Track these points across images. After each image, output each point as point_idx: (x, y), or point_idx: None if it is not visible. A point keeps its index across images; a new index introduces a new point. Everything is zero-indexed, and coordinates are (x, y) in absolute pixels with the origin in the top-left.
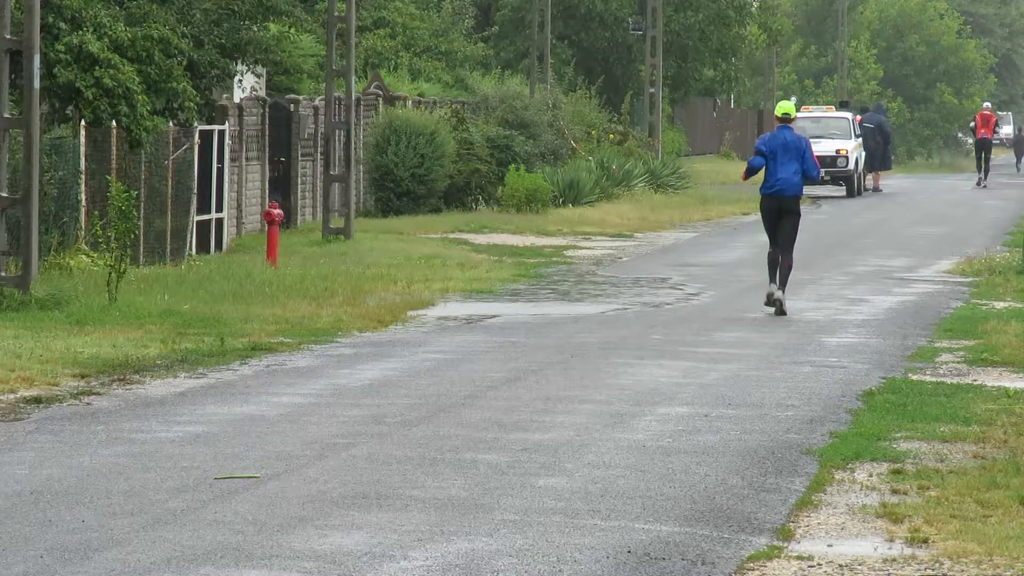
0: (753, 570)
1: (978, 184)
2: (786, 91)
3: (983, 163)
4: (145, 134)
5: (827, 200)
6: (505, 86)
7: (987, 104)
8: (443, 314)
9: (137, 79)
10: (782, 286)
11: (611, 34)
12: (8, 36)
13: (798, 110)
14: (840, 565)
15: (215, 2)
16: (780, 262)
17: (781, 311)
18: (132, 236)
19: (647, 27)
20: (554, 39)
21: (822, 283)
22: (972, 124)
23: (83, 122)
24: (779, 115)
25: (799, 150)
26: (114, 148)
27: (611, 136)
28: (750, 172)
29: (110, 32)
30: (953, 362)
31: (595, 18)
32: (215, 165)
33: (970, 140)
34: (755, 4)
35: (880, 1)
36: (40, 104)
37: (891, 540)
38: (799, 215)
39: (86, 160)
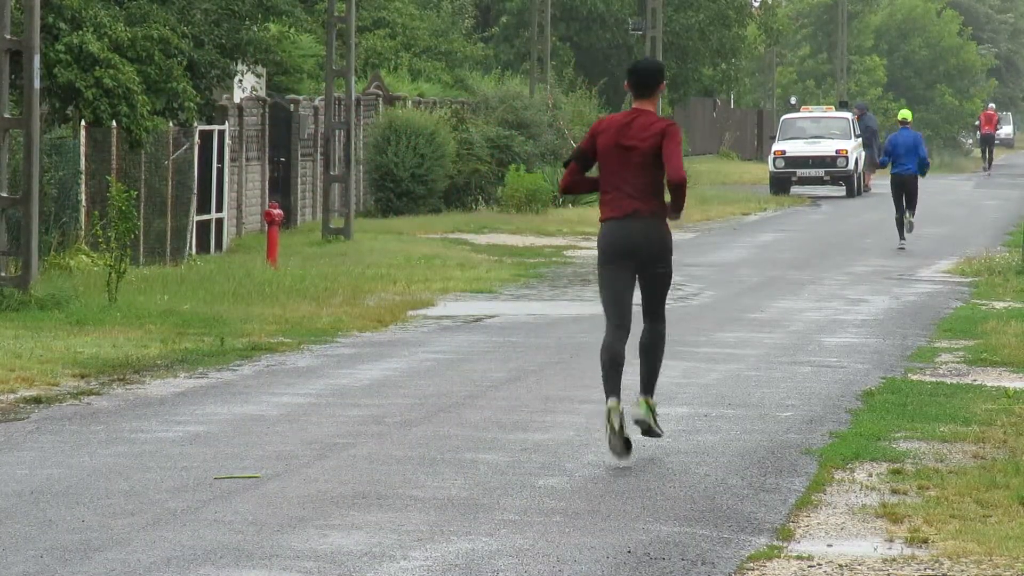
0: (753, 570)
1: (983, 171)
2: (787, 90)
3: (988, 155)
4: (145, 134)
5: (827, 200)
6: (505, 86)
7: (991, 105)
8: (443, 314)
9: (137, 79)
10: (909, 230)
11: (611, 35)
12: (8, 36)
13: (798, 110)
14: (840, 565)
15: (215, 2)
16: (908, 220)
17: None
18: (132, 236)
19: (647, 27)
20: (555, 39)
21: (822, 283)
22: (977, 122)
23: (83, 122)
24: (899, 119)
25: (913, 144)
26: (114, 148)
27: None
28: (883, 165)
29: (110, 32)
30: (953, 362)
31: (596, 19)
32: (215, 165)
33: (970, 140)
34: (755, 4)
35: (888, 5)
36: (40, 104)
37: (891, 540)
38: (916, 189)
39: (86, 160)
